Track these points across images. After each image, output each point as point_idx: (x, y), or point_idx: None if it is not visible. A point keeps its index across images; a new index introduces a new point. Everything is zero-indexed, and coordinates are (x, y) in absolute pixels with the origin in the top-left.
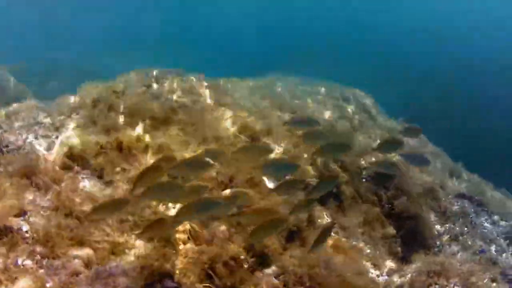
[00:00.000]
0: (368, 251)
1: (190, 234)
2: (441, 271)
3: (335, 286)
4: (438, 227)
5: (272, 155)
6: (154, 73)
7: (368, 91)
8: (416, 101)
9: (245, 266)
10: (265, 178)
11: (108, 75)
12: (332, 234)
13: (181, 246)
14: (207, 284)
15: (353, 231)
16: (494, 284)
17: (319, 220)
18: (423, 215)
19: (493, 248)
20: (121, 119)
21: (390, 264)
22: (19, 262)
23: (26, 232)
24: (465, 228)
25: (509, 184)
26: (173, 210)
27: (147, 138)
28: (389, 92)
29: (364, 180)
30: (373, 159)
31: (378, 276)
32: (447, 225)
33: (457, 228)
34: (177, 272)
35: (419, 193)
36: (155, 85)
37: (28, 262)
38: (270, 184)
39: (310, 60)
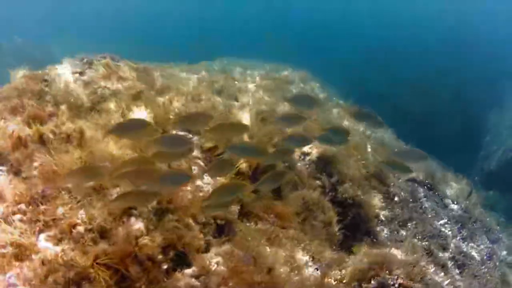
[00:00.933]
0: (307, 241)
1: (101, 232)
2: (384, 262)
3: (265, 286)
4: (385, 212)
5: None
6: (86, 60)
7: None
8: (364, 84)
9: (164, 266)
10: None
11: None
12: (266, 225)
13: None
14: None
15: (290, 220)
16: (442, 274)
17: (257, 211)
18: (369, 201)
19: (443, 232)
20: (48, 108)
21: (330, 255)
22: None
23: None
24: (415, 213)
25: (458, 166)
26: None
27: (71, 128)
28: (337, 75)
29: (307, 166)
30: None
31: (317, 269)
32: (396, 211)
33: (406, 214)
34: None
35: (366, 177)
36: (88, 72)
37: None
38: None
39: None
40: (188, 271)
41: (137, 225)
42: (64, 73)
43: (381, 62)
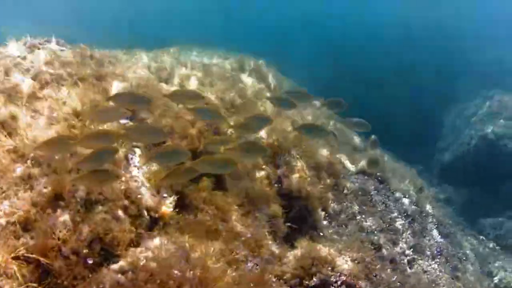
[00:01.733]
0: (249, 235)
1: (24, 225)
2: (327, 258)
3: (197, 283)
4: (334, 205)
5: None
6: (30, 43)
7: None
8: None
9: (89, 261)
10: None
11: None
12: (206, 217)
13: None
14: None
15: (231, 213)
16: (389, 270)
17: (196, 202)
18: (316, 193)
19: (393, 227)
20: None
21: (272, 250)
22: None
23: None
24: (364, 207)
25: (415, 159)
26: None
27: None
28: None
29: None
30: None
31: (256, 265)
32: (345, 204)
33: (356, 207)
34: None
35: (315, 169)
36: (29, 56)
37: None
38: None
39: None
40: (115, 266)
41: (63, 217)
42: (6, 56)
43: (338, 56)
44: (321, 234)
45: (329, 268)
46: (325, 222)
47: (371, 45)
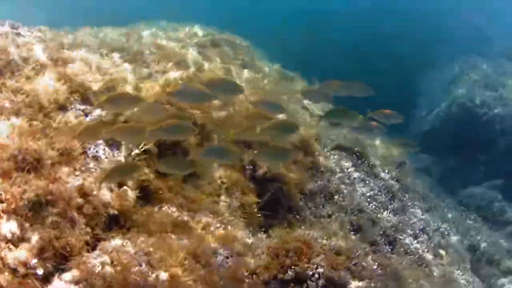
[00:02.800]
0: (218, 225)
1: None
2: (303, 248)
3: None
4: (310, 185)
5: None
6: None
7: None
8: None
9: (39, 272)
10: None
11: None
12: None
13: None
14: None
15: (201, 203)
16: (369, 257)
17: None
18: (291, 174)
19: (373, 205)
20: None
21: (245, 240)
22: None
23: None
24: (342, 185)
25: (393, 130)
26: None
27: None
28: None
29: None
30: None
31: (227, 258)
32: (321, 183)
33: (333, 185)
34: None
35: (289, 147)
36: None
37: None
38: None
39: None
40: (67, 275)
41: (8, 225)
42: None
43: (313, 27)
44: (298, 217)
45: (305, 260)
46: (301, 204)
47: (347, 15)
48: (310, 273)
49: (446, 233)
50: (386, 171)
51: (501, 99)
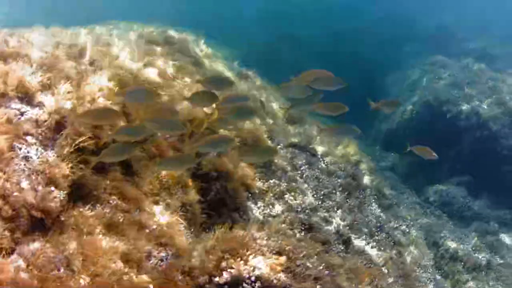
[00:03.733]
0: (154, 227)
1: None
2: (240, 248)
3: None
4: (259, 184)
5: None
6: None
7: None
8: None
9: None
10: None
11: None
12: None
13: None
14: None
15: (141, 202)
16: (315, 258)
17: (98, 192)
18: (237, 171)
19: (327, 204)
20: None
21: (182, 241)
22: None
23: None
24: (293, 183)
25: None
26: None
27: None
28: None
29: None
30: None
31: (161, 261)
32: (272, 181)
33: (284, 184)
34: None
35: (237, 145)
36: None
37: None
38: None
39: None
40: None
41: None
42: None
43: (279, 24)
44: (244, 217)
45: (242, 262)
46: (248, 203)
47: (314, 12)
48: (246, 275)
49: (407, 230)
50: (343, 169)
51: (465, 97)
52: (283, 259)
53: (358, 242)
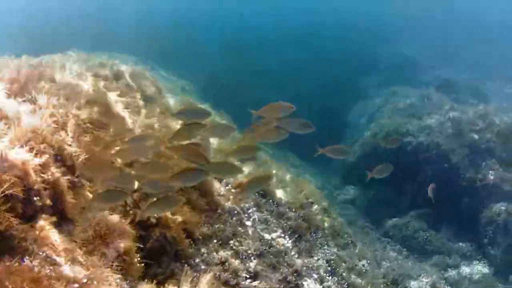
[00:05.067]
0: (85, 280)
1: None
2: None
3: None
4: (203, 229)
5: None
6: None
7: None
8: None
9: None
10: None
11: None
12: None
13: None
14: None
15: (73, 254)
16: None
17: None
18: (178, 218)
19: (274, 248)
20: None
21: None
22: None
23: None
24: (240, 228)
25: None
26: None
27: None
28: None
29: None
30: None
31: None
32: (217, 226)
33: (229, 229)
34: None
35: (181, 188)
36: None
37: None
38: None
39: None
40: None
41: None
42: None
43: (241, 52)
44: (186, 265)
45: None
46: (190, 251)
47: (275, 38)
48: None
49: (364, 270)
50: (293, 210)
51: (425, 128)
52: None
53: None
